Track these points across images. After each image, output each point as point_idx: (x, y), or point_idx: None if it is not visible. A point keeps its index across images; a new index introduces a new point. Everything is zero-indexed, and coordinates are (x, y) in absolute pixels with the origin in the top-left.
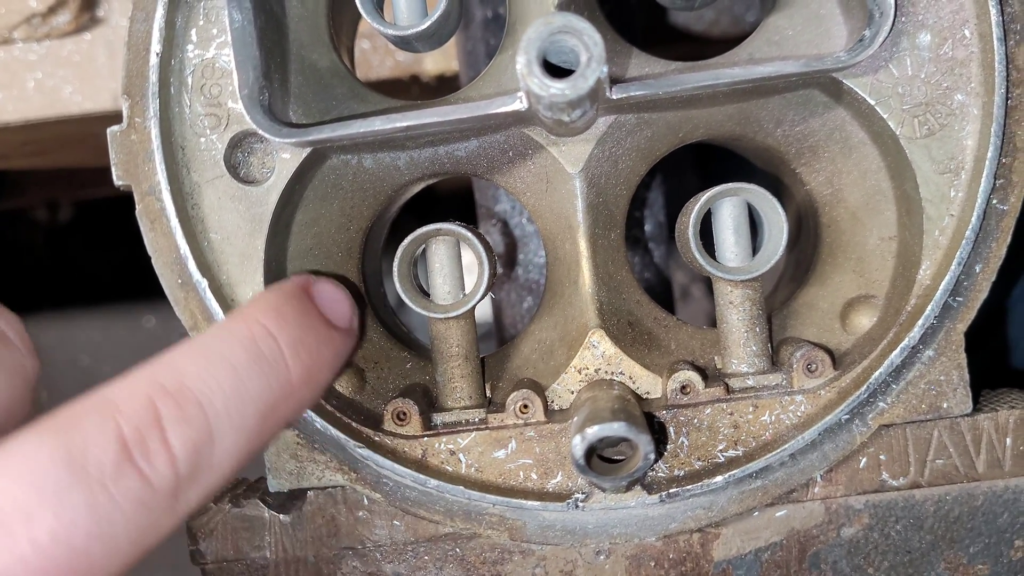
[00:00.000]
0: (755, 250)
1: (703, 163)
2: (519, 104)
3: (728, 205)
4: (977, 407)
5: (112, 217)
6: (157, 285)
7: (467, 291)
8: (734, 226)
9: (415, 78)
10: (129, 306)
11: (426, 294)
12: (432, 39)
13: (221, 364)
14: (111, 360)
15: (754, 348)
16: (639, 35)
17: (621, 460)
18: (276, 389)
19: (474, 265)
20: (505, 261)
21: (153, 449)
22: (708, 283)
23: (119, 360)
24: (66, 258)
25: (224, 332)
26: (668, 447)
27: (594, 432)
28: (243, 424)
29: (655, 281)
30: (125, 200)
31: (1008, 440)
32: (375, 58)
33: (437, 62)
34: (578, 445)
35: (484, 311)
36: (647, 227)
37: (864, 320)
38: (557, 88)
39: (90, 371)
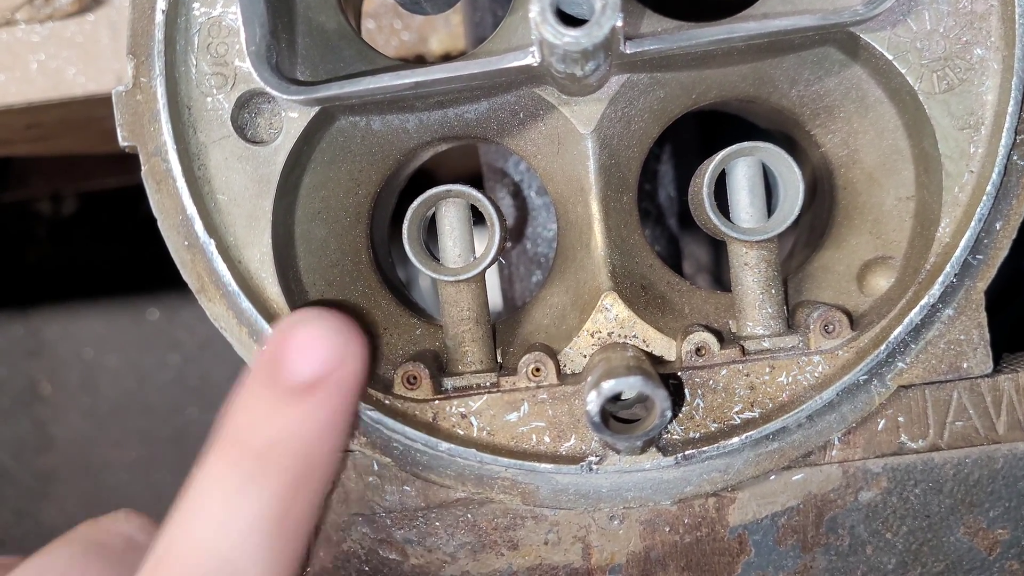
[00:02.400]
0: (770, 211)
1: (710, 140)
2: (531, 59)
3: (743, 165)
4: (997, 368)
5: (116, 210)
6: (161, 278)
7: (478, 255)
8: (749, 186)
9: (421, 57)
10: (133, 299)
11: (436, 258)
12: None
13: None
14: (115, 352)
15: (770, 310)
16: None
17: (636, 422)
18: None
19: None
20: (513, 235)
21: None
22: (718, 257)
23: (123, 353)
24: (70, 251)
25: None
26: (683, 409)
27: (610, 386)
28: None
29: (666, 255)
30: (129, 193)
31: None
32: (380, 37)
33: (443, 41)
34: (593, 400)
35: (493, 293)
36: (660, 198)
37: (882, 281)
38: (572, 36)
39: (94, 363)
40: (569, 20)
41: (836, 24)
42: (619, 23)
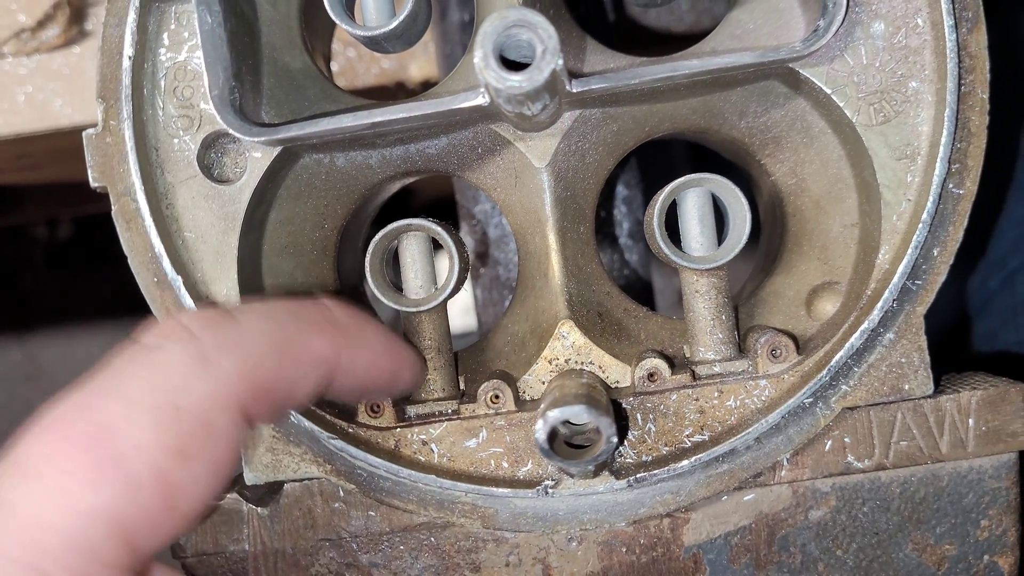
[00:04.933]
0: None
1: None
2: (481, 99)
3: (692, 195)
4: (941, 389)
5: (111, 234)
6: None
7: (439, 285)
8: (699, 216)
9: (401, 84)
10: (129, 322)
11: (400, 289)
12: (401, 39)
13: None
14: None
15: (720, 336)
16: (619, 37)
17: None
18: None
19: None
20: (486, 260)
21: None
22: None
23: None
24: (66, 275)
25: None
26: (636, 433)
27: (555, 415)
28: None
29: (634, 278)
30: None
31: (971, 421)
32: (361, 66)
33: (422, 68)
34: (540, 428)
35: (468, 317)
36: (626, 225)
37: (828, 306)
38: (513, 80)
39: None
40: (513, 64)
41: (775, 61)
42: (559, 67)
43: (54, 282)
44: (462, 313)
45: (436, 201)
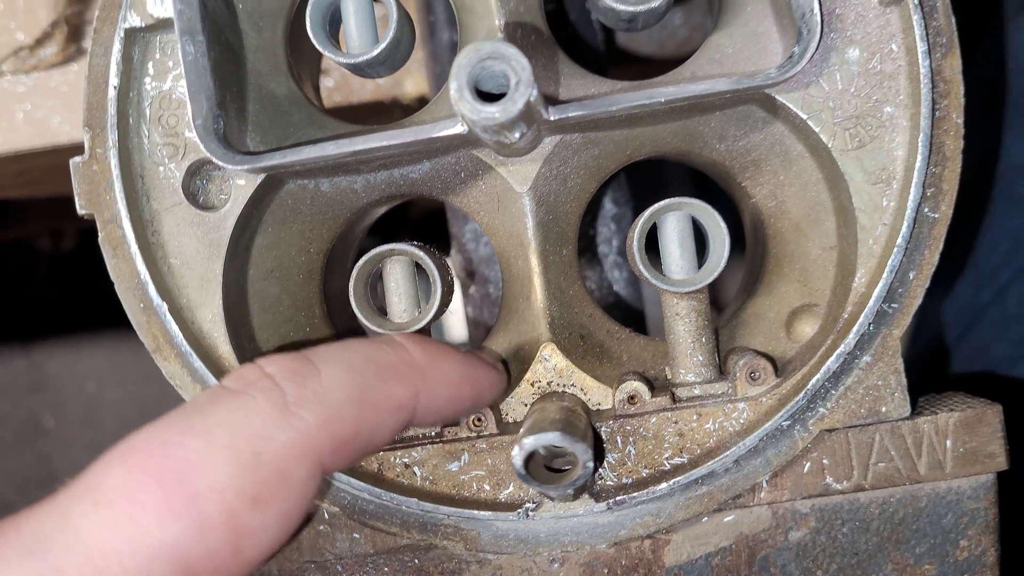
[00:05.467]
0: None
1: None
2: (460, 128)
3: (672, 219)
4: (919, 410)
5: None
6: None
7: (422, 309)
8: (679, 239)
9: (396, 100)
10: (133, 333)
11: (384, 313)
12: (384, 65)
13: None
14: (116, 386)
15: (700, 358)
16: (609, 52)
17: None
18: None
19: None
20: (476, 278)
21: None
22: None
23: (124, 386)
24: (70, 286)
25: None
26: (616, 456)
27: (530, 442)
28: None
29: (625, 295)
30: None
31: (948, 442)
32: (356, 82)
33: (417, 84)
34: (517, 455)
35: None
36: (616, 243)
37: (807, 328)
38: (488, 112)
39: (96, 397)
40: (491, 95)
41: (750, 88)
42: (533, 97)
43: (58, 293)
44: (460, 325)
45: (431, 213)
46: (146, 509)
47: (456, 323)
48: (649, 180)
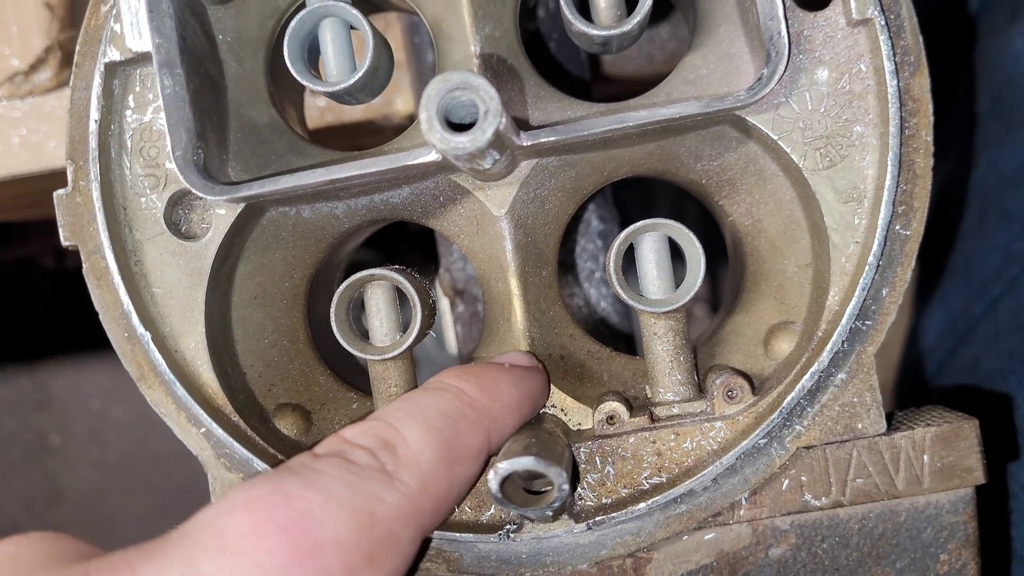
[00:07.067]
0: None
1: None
2: (434, 155)
3: (648, 240)
4: (895, 425)
5: None
6: None
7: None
8: (655, 260)
9: (387, 118)
10: None
11: (366, 337)
12: (364, 91)
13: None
14: (122, 403)
15: (679, 377)
16: (594, 73)
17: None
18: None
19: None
20: (465, 296)
21: None
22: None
23: (130, 404)
24: (74, 304)
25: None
26: (595, 476)
27: (504, 467)
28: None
29: (612, 311)
30: None
31: (925, 457)
32: None
33: (407, 102)
34: (492, 480)
35: (451, 349)
36: (602, 258)
37: (784, 345)
38: (458, 142)
39: (102, 415)
40: (461, 125)
41: (720, 110)
42: (502, 126)
43: (63, 311)
44: (450, 342)
45: (428, 227)
46: (273, 558)
47: (446, 340)
48: (636, 196)
